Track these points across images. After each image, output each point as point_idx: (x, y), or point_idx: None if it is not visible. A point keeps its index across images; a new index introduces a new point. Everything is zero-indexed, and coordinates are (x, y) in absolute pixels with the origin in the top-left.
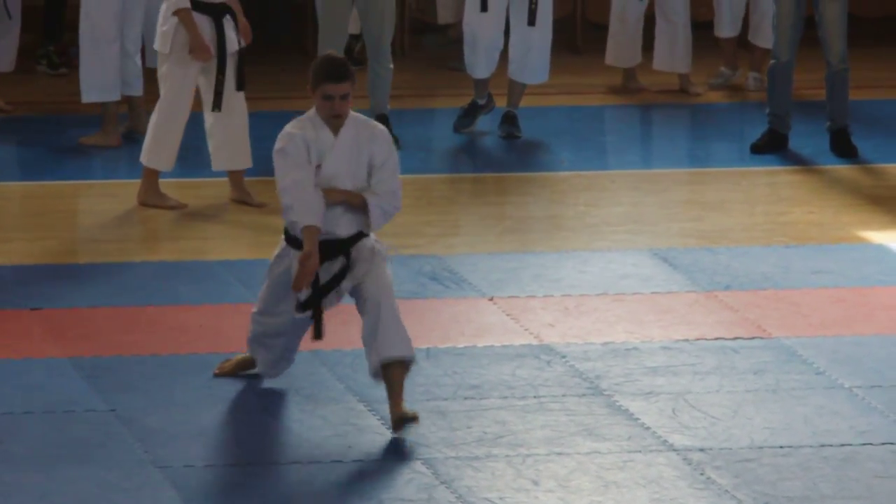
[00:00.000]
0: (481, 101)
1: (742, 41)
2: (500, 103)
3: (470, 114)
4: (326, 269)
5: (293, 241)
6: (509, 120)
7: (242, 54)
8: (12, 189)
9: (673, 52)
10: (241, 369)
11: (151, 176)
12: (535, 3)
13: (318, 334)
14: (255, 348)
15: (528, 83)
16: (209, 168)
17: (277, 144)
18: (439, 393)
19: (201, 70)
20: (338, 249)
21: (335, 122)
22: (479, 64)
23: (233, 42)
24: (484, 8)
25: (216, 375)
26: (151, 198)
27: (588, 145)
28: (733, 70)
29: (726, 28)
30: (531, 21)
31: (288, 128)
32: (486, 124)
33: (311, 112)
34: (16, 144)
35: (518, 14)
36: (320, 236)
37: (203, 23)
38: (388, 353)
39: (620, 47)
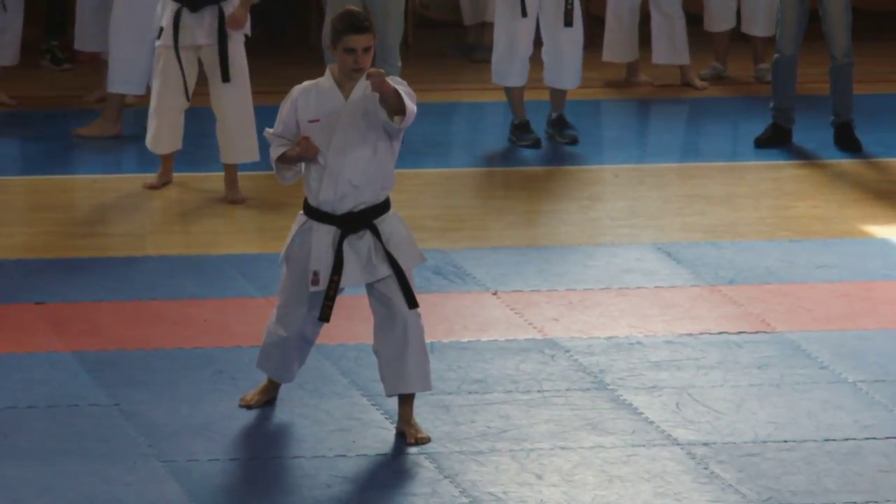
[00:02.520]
0: (525, 120)
1: (744, 36)
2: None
3: (524, 128)
4: (353, 245)
5: (308, 208)
6: (563, 124)
7: (223, 45)
8: (16, 183)
9: (672, 45)
10: (265, 396)
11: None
12: (571, 4)
13: (324, 316)
14: (266, 358)
15: (564, 88)
16: (212, 163)
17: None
18: (443, 387)
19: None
20: (361, 221)
21: (356, 75)
22: (514, 72)
23: (198, 35)
24: (524, 13)
25: (241, 406)
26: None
27: (591, 140)
28: (724, 65)
29: (716, 22)
30: (568, 21)
31: (297, 86)
32: (487, 118)
33: (325, 74)
34: (20, 139)
35: (550, 18)
36: (341, 209)
37: (168, 7)
38: (410, 389)
39: (617, 43)
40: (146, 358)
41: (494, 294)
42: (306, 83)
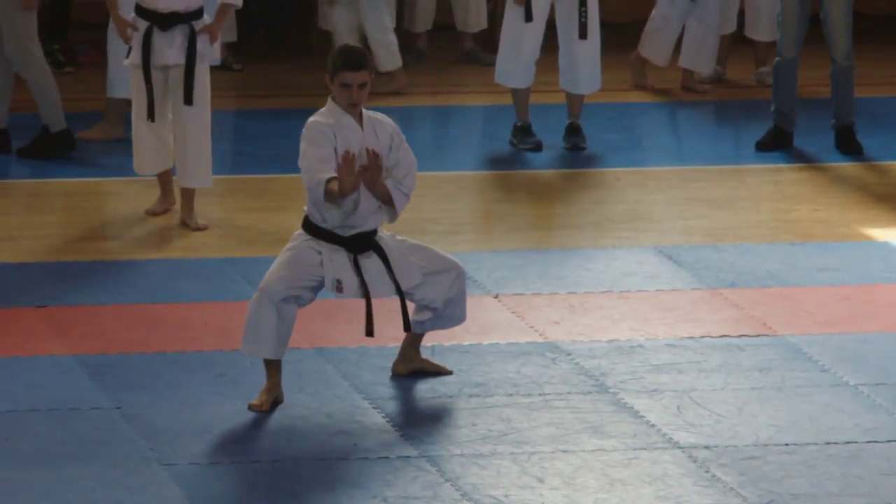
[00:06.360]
0: (528, 123)
1: (744, 39)
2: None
3: (526, 131)
4: (363, 263)
5: (313, 228)
6: (573, 131)
7: (190, 68)
8: (18, 187)
9: (699, 53)
10: (271, 395)
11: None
12: (585, 17)
13: (369, 330)
14: (255, 332)
15: (580, 93)
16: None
17: (303, 131)
18: (444, 390)
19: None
20: (367, 242)
21: (353, 110)
22: (518, 74)
23: (168, 55)
24: (529, 18)
25: (252, 410)
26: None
27: (593, 142)
28: (724, 69)
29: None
30: (582, 34)
31: (312, 117)
32: (490, 122)
33: (330, 104)
34: (21, 142)
35: (566, 26)
36: (350, 231)
37: (139, 27)
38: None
39: (655, 41)
40: (147, 361)
41: (496, 297)
42: (317, 115)
